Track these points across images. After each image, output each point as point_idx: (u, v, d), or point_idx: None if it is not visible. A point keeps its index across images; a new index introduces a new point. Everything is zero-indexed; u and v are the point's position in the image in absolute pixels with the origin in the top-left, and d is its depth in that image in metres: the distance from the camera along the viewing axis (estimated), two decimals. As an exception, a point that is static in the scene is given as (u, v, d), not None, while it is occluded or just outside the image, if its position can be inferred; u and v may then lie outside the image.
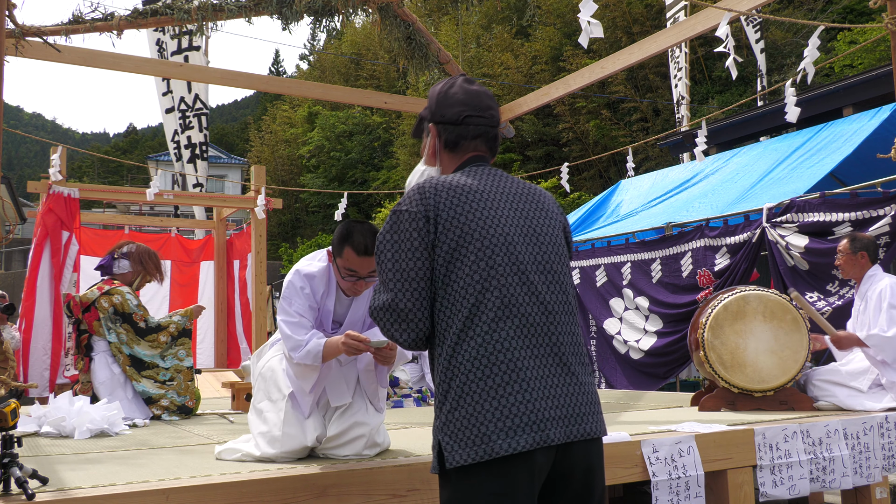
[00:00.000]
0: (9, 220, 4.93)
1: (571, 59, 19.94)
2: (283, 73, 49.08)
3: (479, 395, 1.62)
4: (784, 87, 5.68)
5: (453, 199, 1.72)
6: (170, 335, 4.68)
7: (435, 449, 1.67)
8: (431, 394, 5.52)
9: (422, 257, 1.69)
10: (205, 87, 13.26)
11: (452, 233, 1.69)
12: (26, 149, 58.63)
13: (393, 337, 1.75)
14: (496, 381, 1.62)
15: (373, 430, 2.80)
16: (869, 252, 4.37)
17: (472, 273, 1.67)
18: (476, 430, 1.59)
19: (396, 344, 1.80)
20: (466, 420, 1.61)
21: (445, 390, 1.67)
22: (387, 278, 1.73)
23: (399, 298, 1.70)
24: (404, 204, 1.76)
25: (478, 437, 1.59)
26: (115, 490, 2.20)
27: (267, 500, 2.33)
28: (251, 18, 5.68)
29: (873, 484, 3.63)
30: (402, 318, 1.71)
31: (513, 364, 1.62)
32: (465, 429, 1.60)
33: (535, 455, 1.60)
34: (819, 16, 16.71)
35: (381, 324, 1.76)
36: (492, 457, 1.57)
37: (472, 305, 1.66)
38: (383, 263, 1.74)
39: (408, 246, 1.70)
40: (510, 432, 1.58)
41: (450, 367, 1.66)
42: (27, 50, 5.48)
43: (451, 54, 7.75)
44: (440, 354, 1.70)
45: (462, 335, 1.65)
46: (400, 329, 1.73)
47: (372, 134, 29.15)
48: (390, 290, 1.71)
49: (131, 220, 11.76)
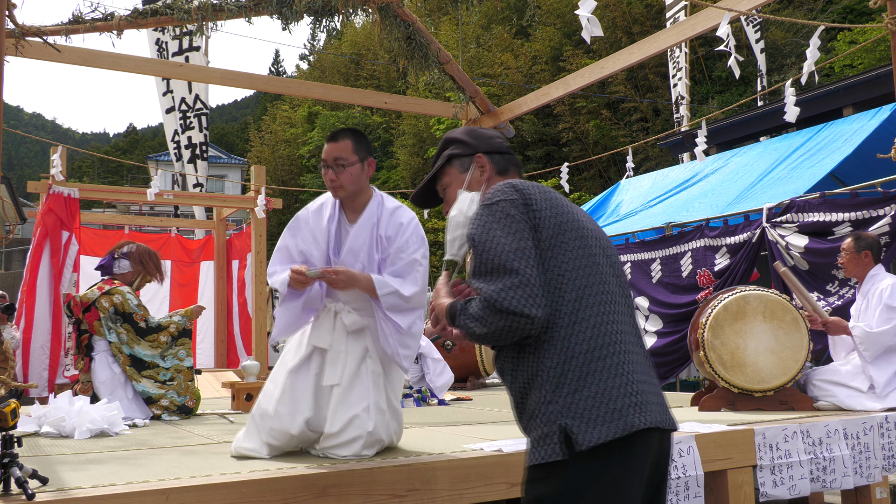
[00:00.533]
0: (9, 220, 4.94)
1: (571, 59, 19.94)
2: (283, 73, 49.09)
3: (604, 374, 1.62)
4: (784, 87, 5.68)
5: (542, 193, 1.76)
6: (170, 335, 4.68)
7: (555, 435, 1.60)
8: (431, 394, 5.52)
9: (529, 237, 1.68)
10: (205, 87, 13.26)
11: (551, 219, 1.71)
12: (26, 149, 58.63)
13: (527, 314, 1.60)
14: (616, 360, 1.64)
15: (375, 430, 2.79)
16: (873, 251, 4.37)
17: (576, 258, 1.69)
18: (608, 406, 1.59)
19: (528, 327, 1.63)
20: (595, 398, 1.60)
21: (560, 373, 1.63)
22: (505, 259, 1.63)
23: (527, 273, 1.62)
24: (498, 195, 1.74)
25: (610, 412, 1.58)
26: (115, 490, 2.19)
27: (267, 500, 2.32)
28: (251, 18, 5.68)
29: (873, 484, 3.63)
30: (533, 293, 1.62)
31: (624, 346, 1.67)
32: (595, 407, 1.59)
33: (654, 435, 1.64)
34: (819, 16, 16.71)
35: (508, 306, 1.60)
36: (627, 431, 1.57)
37: (579, 289, 1.67)
38: (495, 248, 1.65)
39: (516, 227, 1.68)
40: (640, 407, 1.61)
41: (565, 349, 1.64)
42: (27, 50, 5.48)
43: (451, 54, 7.75)
44: (551, 338, 1.65)
45: (575, 317, 1.65)
46: (534, 304, 1.61)
47: (372, 134, 29.15)
48: (514, 269, 1.62)
49: (131, 220, 11.76)
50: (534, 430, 1.66)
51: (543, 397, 1.65)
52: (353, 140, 2.95)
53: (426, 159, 24.03)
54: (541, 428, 1.64)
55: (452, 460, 2.66)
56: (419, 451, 2.88)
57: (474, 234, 1.71)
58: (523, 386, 1.69)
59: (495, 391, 6.73)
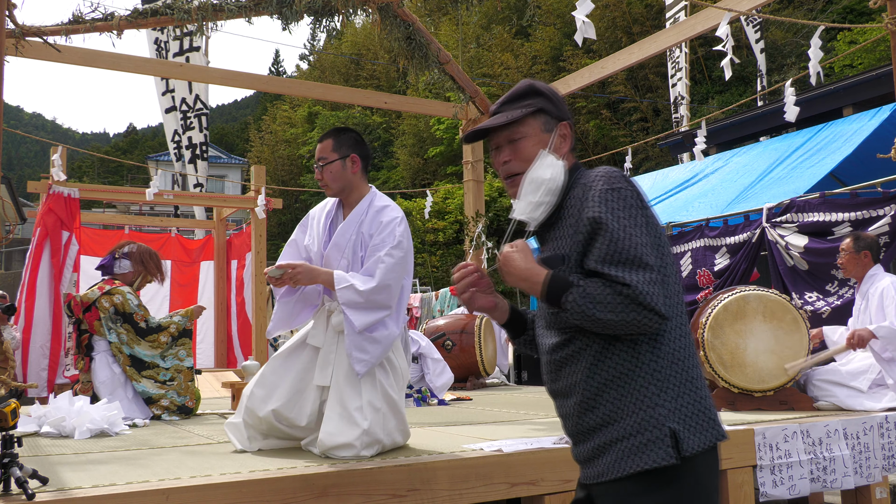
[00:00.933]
0: (9, 220, 4.93)
1: (571, 59, 19.94)
2: (283, 73, 49.08)
3: (698, 382, 1.60)
4: (784, 87, 5.68)
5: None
6: (170, 335, 4.68)
7: (666, 439, 1.53)
8: (431, 394, 5.52)
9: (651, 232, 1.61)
10: (205, 88, 13.26)
11: (654, 218, 1.65)
12: (26, 149, 58.63)
13: (661, 313, 1.52)
14: (699, 370, 1.64)
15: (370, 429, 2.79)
16: (872, 251, 4.37)
17: (672, 262, 1.65)
18: (705, 414, 1.58)
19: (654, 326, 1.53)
20: (695, 405, 1.58)
21: (665, 376, 1.57)
22: (641, 253, 1.54)
23: (659, 270, 1.55)
24: (620, 182, 1.62)
25: (707, 420, 1.57)
26: (115, 490, 2.20)
27: (267, 500, 2.33)
28: (251, 18, 5.68)
29: (873, 484, 3.63)
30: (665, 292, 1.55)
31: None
32: (696, 413, 1.57)
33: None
34: (819, 16, 16.71)
35: (650, 301, 1.50)
36: (718, 441, 1.58)
37: (676, 294, 1.63)
38: (631, 238, 1.55)
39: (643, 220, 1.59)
40: (718, 418, 1.62)
41: (670, 352, 1.59)
42: (27, 50, 5.48)
43: (451, 54, 7.75)
44: (655, 339, 1.58)
45: (674, 322, 1.62)
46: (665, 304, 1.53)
47: (372, 134, 29.15)
48: (650, 264, 1.53)
49: (131, 220, 11.76)
50: (627, 433, 1.56)
51: (644, 399, 1.56)
52: (333, 139, 3.01)
53: (426, 159, 24.03)
54: (645, 431, 1.54)
55: (452, 460, 2.66)
56: (419, 451, 2.88)
57: (605, 219, 1.57)
58: (602, 384, 1.59)
59: (495, 391, 6.73)
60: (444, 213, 18.01)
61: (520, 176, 1.72)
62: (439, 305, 9.09)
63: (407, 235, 2.95)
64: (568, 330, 1.64)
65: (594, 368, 1.61)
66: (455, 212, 17.49)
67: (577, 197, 1.66)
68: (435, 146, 23.29)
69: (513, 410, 4.66)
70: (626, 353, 1.59)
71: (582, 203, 1.63)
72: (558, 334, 1.67)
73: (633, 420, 1.56)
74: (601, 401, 1.59)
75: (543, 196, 1.68)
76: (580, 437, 1.65)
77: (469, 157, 8.81)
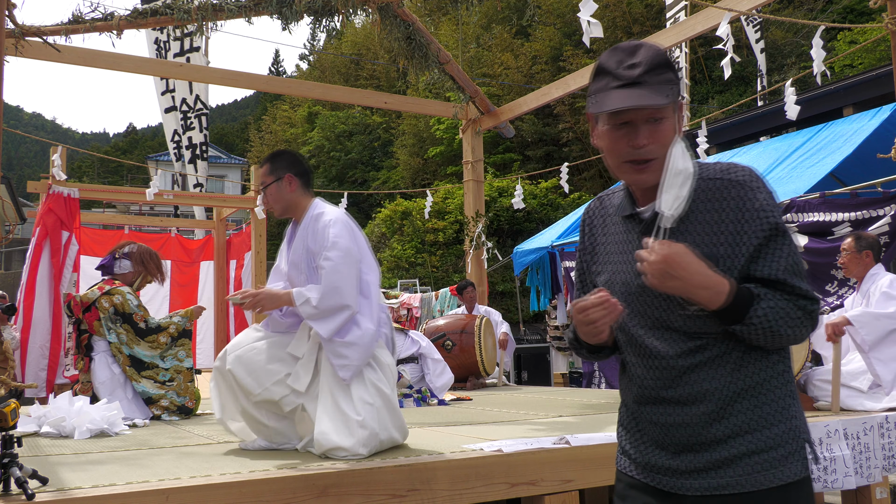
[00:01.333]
0: (9, 220, 4.93)
1: (571, 59, 19.93)
2: (283, 73, 49.08)
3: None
4: (784, 87, 5.68)
5: None
6: (170, 336, 4.68)
7: (803, 451, 1.48)
8: (431, 394, 5.51)
9: None
10: (205, 88, 13.26)
11: None
12: (26, 149, 58.63)
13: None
14: None
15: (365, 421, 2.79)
16: (874, 251, 4.37)
17: None
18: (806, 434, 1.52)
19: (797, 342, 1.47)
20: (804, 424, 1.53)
21: (793, 386, 1.53)
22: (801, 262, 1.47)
23: None
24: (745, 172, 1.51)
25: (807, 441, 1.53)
26: (115, 490, 2.19)
27: (267, 500, 2.32)
28: (251, 18, 5.68)
29: (873, 484, 3.63)
30: None
31: None
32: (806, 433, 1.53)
33: None
34: (819, 16, 16.71)
35: (818, 314, 1.47)
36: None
37: None
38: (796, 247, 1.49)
39: None
40: None
41: (787, 358, 1.54)
42: (27, 50, 5.48)
43: (451, 54, 7.75)
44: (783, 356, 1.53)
45: None
46: None
47: (372, 134, 29.15)
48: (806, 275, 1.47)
49: (131, 220, 11.77)
50: (766, 445, 1.45)
51: (783, 410, 1.48)
52: (269, 163, 3.16)
53: (426, 159, 24.02)
54: (786, 444, 1.45)
55: (452, 460, 2.66)
56: (419, 451, 2.88)
57: (783, 227, 1.45)
58: (738, 392, 1.47)
59: (495, 391, 6.73)
60: (444, 213, 18.00)
61: (653, 162, 1.49)
62: (439, 305, 9.08)
63: (344, 233, 2.95)
64: (702, 335, 1.48)
65: (734, 376, 1.47)
66: (455, 212, 17.47)
67: (715, 193, 1.50)
68: (435, 146, 23.28)
69: (513, 410, 4.66)
70: (762, 360, 1.49)
71: (740, 203, 1.47)
72: (687, 338, 1.49)
73: (772, 431, 1.45)
74: (735, 410, 1.47)
75: (688, 190, 1.48)
76: (699, 447, 1.48)
77: (469, 157, 8.81)
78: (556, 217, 14.98)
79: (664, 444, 1.53)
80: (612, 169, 1.57)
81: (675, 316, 1.50)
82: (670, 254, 1.41)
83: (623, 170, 1.54)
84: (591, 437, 2.98)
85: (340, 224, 2.97)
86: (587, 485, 2.92)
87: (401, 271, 17.54)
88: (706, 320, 1.46)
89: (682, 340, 1.50)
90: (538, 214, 17.30)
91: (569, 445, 2.91)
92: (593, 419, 4.02)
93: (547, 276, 8.67)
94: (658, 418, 1.53)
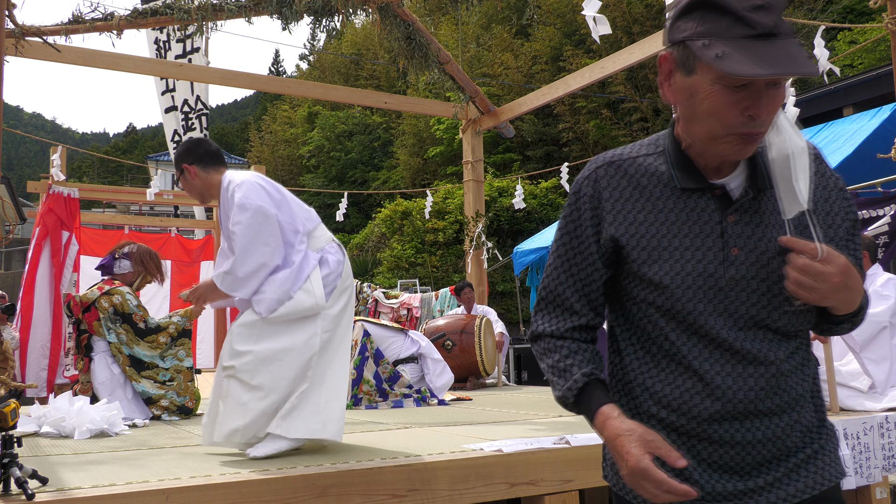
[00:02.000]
0: (9, 220, 4.94)
1: (571, 59, 19.94)
2: (283, 73, 49.09)
3: None
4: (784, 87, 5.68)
5: None
6: (169, 336, 4.68)
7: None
8: (431, 394, 5.51)
9: None
10: (205, 88, 13.25)
11: None
12: (26, 149, 58.64)
13: None
14: None
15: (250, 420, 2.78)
16: (870, 251, 4.37)
17: None
18: None
19: None
20: None
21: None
22: None
23: None
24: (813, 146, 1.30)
25: None
26: (115, 490, 2.19)
27: (267, 500, 2.32)
28: (251, 18, 5.68)
29: (873, 484, 3.63)
30: None
31: None
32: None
33: None
34: (819, 16, 16.71)
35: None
36: None
37: None
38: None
39: None
40: None
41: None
42: (27, 50, 5.48)
43: (451, 54, 7.75)
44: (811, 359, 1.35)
45: None
46: None
47: (372, 134, 29.15)
48: None
49: (131, 220, 11.76)
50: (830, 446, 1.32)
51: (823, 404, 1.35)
52: (175, 161, 3.24)
53: (426, 159, 24.02)
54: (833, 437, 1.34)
55: (452, 460, 2.66)
56: (419, 451, 2.88)
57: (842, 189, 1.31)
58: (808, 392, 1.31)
59: (495, 391, 6.73)
60: (444, 213, 18.01)
61: (761, 135, 1.20)
62: (439, 305, 9.08)
63: (251, 193, 2.90)
64: (798, 333, 1.29)
65: (808, 374, 1.31)
66: (455, 212, 17.48)
67: None
68: (435, 146, 23.29)
69: (513, 410, 4.66)
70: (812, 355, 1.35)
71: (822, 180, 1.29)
72: (785, 339, 1.27)
73: (826, 427, 1.33)
74: (806, 411, 1.30)
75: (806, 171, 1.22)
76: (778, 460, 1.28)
77: (469, 157, 8.81)
78: (556, 217, 14.95)
79: (737, 466, 1.27)
80: (699, 136, 1.23)
81: (776, 313, 1.25)
82: (847, 262, 1.16)
83: (726, 141, 1.20)
84: (591, 437, 2.98)
85: (246, 185, 2.93)
86: (587, 485, 2.91)
87: (401, 271, 17.54)
88: (806, 315, 1.27)
89: (782, 341, 1.27)
90: (538, 214, 17.31)
91: (569, 445, 2.91)
92: (593, 419, 4.01)
93: (547, 276, 8.67)
94: (741, 436, 1.25)
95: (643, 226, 1.28)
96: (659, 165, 1.30)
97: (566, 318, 1.37)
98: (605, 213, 1.31)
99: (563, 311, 1.37)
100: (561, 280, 1.36)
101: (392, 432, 3.60)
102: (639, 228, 1.28)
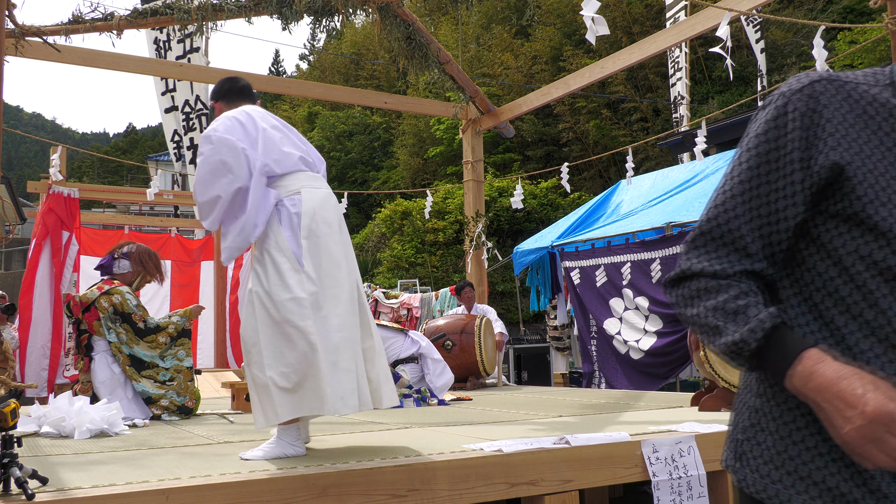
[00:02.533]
0: (9, 220, 4.94)
1: (571, 59, 19.93)
2: (283, 73, 49.06)
3: None
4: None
5: None
6: (169, 336, 4.68)
7: None
8: (431, 394, 5.52)
9: None
10: (205, 88, 13.26)
11: None
12: (26, 149, 58.64)
13: None
14: None
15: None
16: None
17: None
18: None
19: None
20: None
21: None
22: None
23: None
24: None
25: None
26: (115, 490, 2.19)
27: (267, 500, 2.32)
28: (251, 18, 5.68)
29: (873, 484, 3.62)
30: None
31: None
32: None
33: None
34: (819, 16, 16.71)
35: None
36: None
37: None
38: None
39: None
40: None
41: None
42: (27, 50, 5.48)
43: (451, 54, 7.75)
44: None
45: None
46: None
47: (372, 134, 29.15)
48: None
49: (131, 220, 11.77)
50: None
51: None
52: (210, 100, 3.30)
53: (426, 159, 24.02)
54: None
55: (452, 460, 2.66)
56: (419, 451, 2.88)
57: None
58: None
59: (495, 391, 6.73)
60: (444, 213, 18.01)
61: None
62: (439, 305, 9.09)
63: (220, 125, 2.86)
64: None
65: None
66: (455, 212, 17.48)
67: None
68: (435, 146, 23.28)
69: (513, 410, 4.66)
70: None
71: None
72: None
73: None
74: None
75: None
76: None
77: (469, 157, 8.81)
78: (556, 217, 14.98)
79: None
80: None
81: None
82: None
83: None
84: (591, 437, 2.98)
85: (223, 117, 2.92)
86: (587, 485, 2.91)
87: (401, 271, 17.54)
88: None
89: None
90: (538, 214, 17.31)
91: (569, 445, 2.91)
92: (593, 419, 4.02)
93: (547, 276, 8.67)
94: None
95: (871, 159, 1.00)
96: (890, 98, 1.04)
97: (735, 260, 1.05)
98: (826, 134, 1.01)
99: (734, 250, 1.06)
100: (738, 213, 1.06)
101: (392, 432, 3.60)
102: (868, 160, 1.00)
